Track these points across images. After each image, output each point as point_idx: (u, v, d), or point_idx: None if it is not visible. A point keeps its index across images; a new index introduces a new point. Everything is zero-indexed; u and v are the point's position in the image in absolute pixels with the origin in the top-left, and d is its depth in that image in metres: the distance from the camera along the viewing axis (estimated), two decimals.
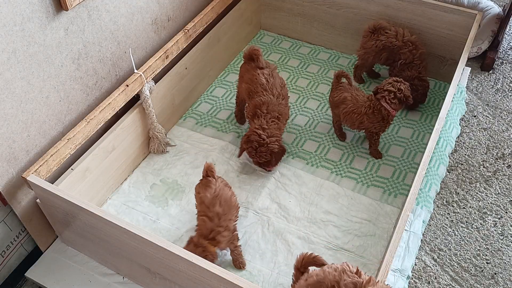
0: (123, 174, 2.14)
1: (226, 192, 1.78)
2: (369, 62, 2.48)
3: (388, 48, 2.38)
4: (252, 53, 2.15)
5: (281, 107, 2.11)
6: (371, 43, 2.39)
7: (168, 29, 2.26)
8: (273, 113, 2.08)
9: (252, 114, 2.11)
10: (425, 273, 1.92)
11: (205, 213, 1.73)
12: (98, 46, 1.87)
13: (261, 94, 2.09)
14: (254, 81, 2.12)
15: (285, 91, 2.17)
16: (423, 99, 2.43)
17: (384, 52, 2.40)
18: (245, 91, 2.18)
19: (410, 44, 2.35)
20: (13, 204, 1.73)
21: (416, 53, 2.35)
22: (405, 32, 2.37)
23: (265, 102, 2.08)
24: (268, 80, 2.12)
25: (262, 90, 2.10)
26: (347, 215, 2.02)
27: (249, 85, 2.14)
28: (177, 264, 1.48)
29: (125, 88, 1.96)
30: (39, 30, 1.60)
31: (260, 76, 2.12)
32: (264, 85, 2.10)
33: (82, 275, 1.83)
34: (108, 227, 1.56)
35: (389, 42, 2.36)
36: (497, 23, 2.77)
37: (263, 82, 2.11)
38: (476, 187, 2.22)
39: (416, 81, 2.34)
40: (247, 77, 2.17)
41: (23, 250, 1.89)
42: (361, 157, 2.25)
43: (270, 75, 2.14)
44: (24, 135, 1.69)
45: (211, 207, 1.72)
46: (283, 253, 1.90)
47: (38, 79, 1.66)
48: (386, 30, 2.38)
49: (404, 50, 2.35)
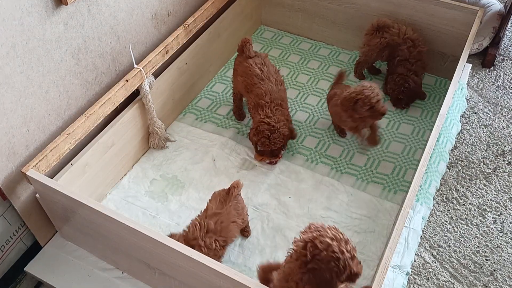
0: (123, 170, 2.13)
1: (230, 217, 1.74)
2: (372, 59, 2.48)
3: (391, 45, 2.38)
4: (242, 43, 2.16)
5: (281, 93, 2.13)
6: (376, 41, 2.39)
7: (168, 24, 2.25)
8: (276, 100, 2.09)
9: (255, 105, 2.12)
10: (425, 270, 1.93)
11: (199, 220, 1.72)
12: (97, 41, 1.87)
13: (259, 85, 2.10)
14: (248, 73, 2.14)
15: (280, 76, 2.19)
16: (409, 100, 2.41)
17: (386, 50, 2.40)
18: (241, 84, 2.18)
19: (409, 42, 2.34)
20: (13, 199, 1.73)
21: (414, 51, 2.34)
22: (408, 29, 2.37)
23: (266, 91, 2.09)
24: (262, 69, 2.13)
25: (259, 80, 2.11)
26: (347, 212, 2.02)
27: (244, 77, 2.15)
28: (177, 259, 1.48)
29: (125, 83, 1.95)
30: (38, 24, 1.59)
31: (253, 67, 2.13)
32: (259, 75, 2.11)
33: (81, 270, 1.83)
34: (107, 223, 1.56)
35: (392, 40, 2.36)
36: (499, 20, 2.76)
37: (257, 72, 2.12)
38: (476, 184, 2.22)
39: (399, 78, 2.34)
40: (240, 69, 2.19)
41: (23, 244, 1.89)
42: (361, 153, 2.24)
43: (263, 63, 2.16)
44: (23, 129, 1.68)
45: (208, 219, 1.71)
46: (283, 249, 1.90)
47: (37, 74, 1.66)
48: (390, 27, 2.37)
49: (403, 47, 2.35)
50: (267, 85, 2.10)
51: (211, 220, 1.71)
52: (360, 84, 2.04)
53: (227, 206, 1.74)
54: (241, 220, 1.80)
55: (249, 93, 2.15)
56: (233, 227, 1.76)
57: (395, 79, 2.36)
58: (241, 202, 1.82)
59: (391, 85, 2.39)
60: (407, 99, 2.41)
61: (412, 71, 2.35)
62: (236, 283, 1.37)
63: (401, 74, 2.35)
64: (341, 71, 2.26)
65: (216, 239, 1.69)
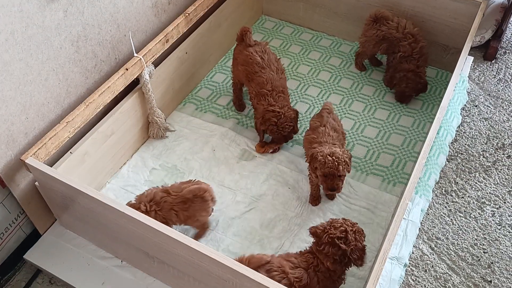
0: (122, 159, 2.13)
1: (178, 206, 1.76)
2: (370, 50, 2.46)
3: (388, 39, 2.36)
4: (242, 32, 2.16)
5: (282, 81, 2.14)
6: (372, 32, 2.37)
7: (168, 12, 2.24)
8: (277, 88, 2.10)
9: (256, 94, 2.12)
10: (422, 261, 1.93)
11: (170, 192, 1.76)
12: (97, 28, 1.85)
13: (260, 74, 2.10)
14: (249, 62, 2.14)
15: (281, 65, 2.20)
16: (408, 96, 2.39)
17: (384, 43, 2.38)
18: (242, 73, 2.19)
19: (410, 37, 2.31)
20: (12, 187, 1.73)
21: (416, 47, 2.31)
22: (407, 24, 2.34)
23: (268, 79, 2.10)
24: (262, 57, 2.14)
25: (260, 69, 2.11)
26: (346, 203, 2.02)
27: (245, 66, 2.15)
28: (175, 248, 1.48)
29: (125, 71, 1.94)
30: (37, 11, 1.58)
31: (254, 55, 2.13)
32: (260, 64, 2.12)
33: (80, 258, 1.84)
34: (106, 211, 1.56)
35: (389, 33, 2.34)
36: (501, 12, 2.75)
37: (258, 60, 2.12)
38: (475, 176, 2.22)
39: (411, 74, 2.31)
40: (241, 58, 2.18)
41: (22, 232, 1.90)
42: (361, 145, 2.24)
43: (263, 51, 2.16)
44: (22, 117, 1.68)
45: (160, 191, 1.77)
46: (281, 239, 1.90)
47: (36, 61, 1.65)
48: (388, 20, 2.35)
49: (404, 42, 2.32)
50: (268, 73, 2.10)
51: (162, 193, 1.75)
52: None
53: (188, 200, 1.76)
54: (186, 219, 1.81)
55: (250, 82, 2.15)
56: (173, 215, 1.77)
57: (408, 75, 2.30)
58: (202, 209, 1.81)
59: (404, 82, 2.32)
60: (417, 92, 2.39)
61: (420, 66, 2.33)
62: (234, 272, 1.37)
63: (411, 70, 2.30)
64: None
65: (156, 211, 1.73)
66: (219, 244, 1.89)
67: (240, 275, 1.36)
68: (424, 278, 1.89)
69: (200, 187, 1.79)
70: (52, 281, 1.87)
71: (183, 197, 1.76)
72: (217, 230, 1.93)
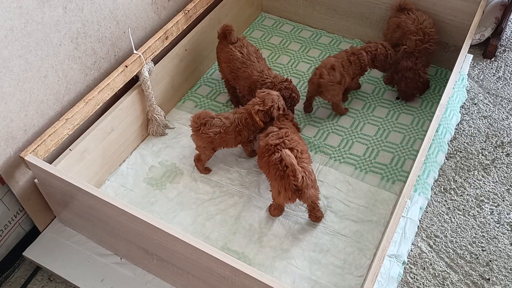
0: (122, 156, 2.13)
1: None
2: (388, 39, 2.43)
3: (402, 29, 2.34)
4: (225, 30, 2.18)
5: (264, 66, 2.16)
6: (393, 20, 2.39)
7: (168, 9, 2.23)
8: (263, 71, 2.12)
9: (249, 90, 2.14)
10: (421, 259, 1.94)
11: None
12: (97, 25, 1.85)
13: (243, 68, 2.13)
14: (230, 58, 2.17)
15: (260, 54, 2.22)
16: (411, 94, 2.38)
17: (398, 31, 2.36)
18: (226, 70, 2.22)
19: (420, 33, 2.29)
20: (11, 184, 1.73)
21: (420, 45, 2.30)
22: (427, 21, 2.32)
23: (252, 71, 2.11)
24: (241, 51, 2.16)
25: (240, 64, 2.13)
26: (345, 201, 2.02)
27: (228, 64, 2.18)
28: (175, 245, 1.48)
29: (124, 68, 1.94)
30: (37, 7, 1.57)
31: (234, 51, 2.16)
32: (240, 59, 2.14)
33: (80, 255, 1.84)
34: (106, 208, 1.56)
35: (405, 23, 2.33)
36: (501, 10, 2.74)
37: (238, 56, 2.15)
38: (474, 175, 2.22)
39: (409, 73, 2.29)
40: (223, 56, 2.21)
41: (21, 229, 1.90)
42: (360, 143, 2.24)
43: (242, 45, 2.18)
44: (22, 114, 1.67)
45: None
46: (281, 237, 1.91)
47: (36, 58, 1.64)
48: (410, 12, 2.36)
49: (412, 37, 2.30)
50: (251, 66, 2.12)
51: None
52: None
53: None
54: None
55: (236, 79, 2.17)
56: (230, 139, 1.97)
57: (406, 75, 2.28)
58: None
59: (404, 82, 2.30)
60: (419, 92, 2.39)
61: (418, 64, 2.30)
62: (233, 270, 1.37)
63: (410, 68, 2.28)
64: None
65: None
66: (218, 242, 1.89)
67: (239, 272, 1.36)
68: (422, 275, 1.89)
69: None
70: (52, 278, 1.88)
71: None
72: (215, 228, 1.93)
